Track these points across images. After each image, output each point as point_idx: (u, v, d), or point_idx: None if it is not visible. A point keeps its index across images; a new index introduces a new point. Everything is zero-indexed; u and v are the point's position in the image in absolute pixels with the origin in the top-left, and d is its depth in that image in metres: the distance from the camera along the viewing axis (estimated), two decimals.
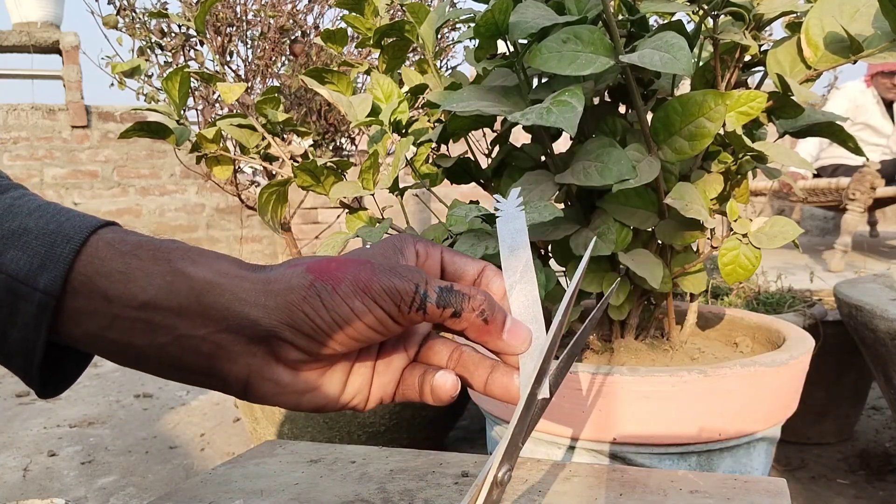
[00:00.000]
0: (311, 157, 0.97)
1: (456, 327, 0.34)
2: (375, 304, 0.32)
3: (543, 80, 0.81)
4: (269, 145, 1.00)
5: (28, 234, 0.31)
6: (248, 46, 1.88)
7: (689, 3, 0.74)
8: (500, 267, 0.37)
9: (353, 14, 0.92)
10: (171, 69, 1.30)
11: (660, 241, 0.84)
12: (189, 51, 1.78)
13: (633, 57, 0.66)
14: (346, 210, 0.94)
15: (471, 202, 0.80)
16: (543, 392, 0.35)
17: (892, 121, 3.48)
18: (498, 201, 0.39)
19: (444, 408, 1.51)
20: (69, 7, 4.44)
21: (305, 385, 0.34)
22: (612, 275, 0.84)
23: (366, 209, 0.94)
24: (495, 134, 0.93)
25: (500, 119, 0.80)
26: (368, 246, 0.37)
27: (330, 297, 0.31)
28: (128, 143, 4.04)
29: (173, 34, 1.76)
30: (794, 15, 0.79)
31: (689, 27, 0.75)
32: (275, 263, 0.34)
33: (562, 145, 0.88)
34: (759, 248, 0.79)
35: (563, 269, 0.86)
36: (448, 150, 0.98)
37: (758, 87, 0.84)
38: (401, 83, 0.97)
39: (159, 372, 0.33)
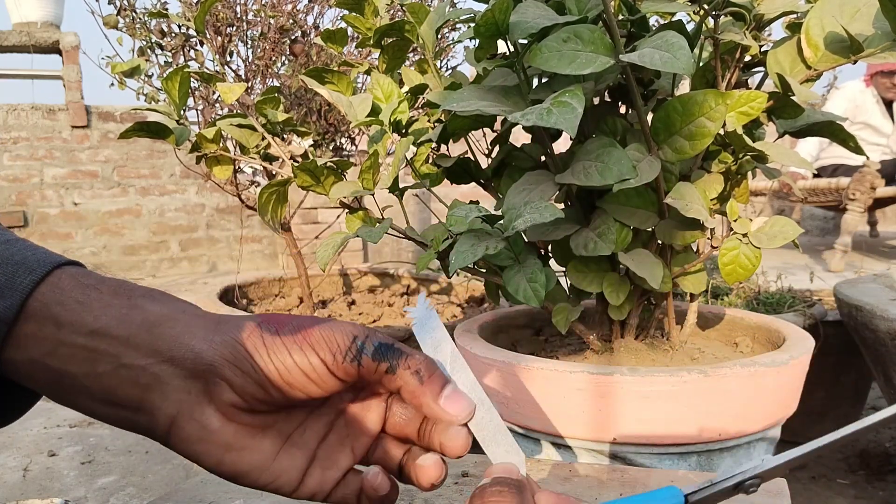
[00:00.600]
0: (310, 157, 0.97)
1: (391, 386, 0.34)
2: (312, 350, 0.32)
3: (544, 80, 0.81)
4: (268, 145, 1.00)
5: None
6: (248, 46, 1.88)
7: (689, 3, 0.74)
8: None
9: (354, 14, 0.92)
10: (171, 69, 1.30)
11: (660, 241, 0.84)
12: (189, 51, 1.78)
13: (634, 56, 0.66)
14: (346, 210, 0.94)
15: (471, 202, 0.80)
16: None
17: (892, 120, 3.48)
18: (406, 312, 0.39)
19: None
20: (69, 7, 4.44)
21: (233, 439, 0.33)
22: (612, 275, 0.84)
23: (366, 209, 0.94)
24: (495, 134, 0.93)
25: (500, 119, 0.79)
26: None
27: (272, 338, 0.32)
28: (128, 143, 4.04)
29: (173, 34, 1.76)
30: (795, 15, 0.79)
31: (690, 27, 0.75)
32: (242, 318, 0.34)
33: (562, 145, 0.88)
34: (759, 248, 0.79)
35: (563, 269, 0.86)
36: (448, 150, 0.98)
37: (758, 87, 0.84)
38: (401, 83, 0.97)
39: (87, 406, 0.33)
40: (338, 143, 2.02)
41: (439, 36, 1.41)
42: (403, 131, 0.92)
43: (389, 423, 0.37)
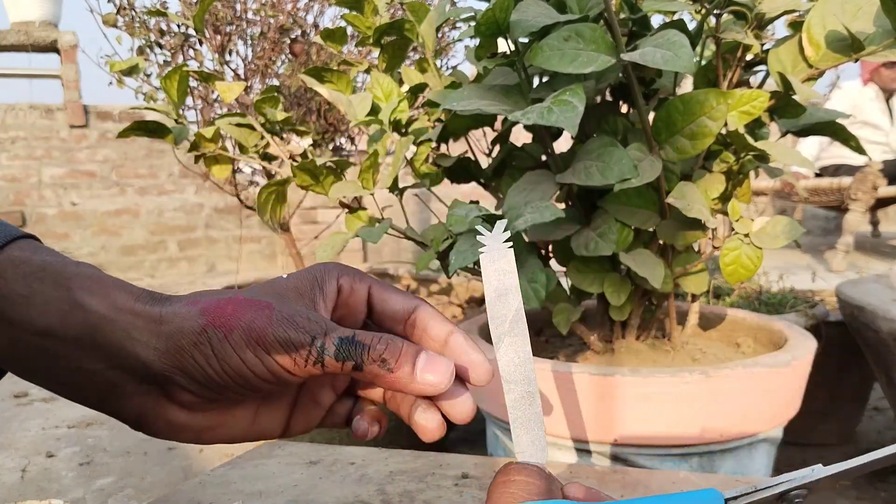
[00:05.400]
0: (310, 156, 0.96)
1: (364, 380, 0.32)
2: (268, 355, 0.30)
3: (544, 79, 0.80)
4: (267, 145, 0.99)
5: None
6: (248, 45, 1.87)
7: (691, 2, 0.73)
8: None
9: (353, 13, 0.91)
10: (170, 68, 1.29)
11: (661, 241, 0.84)
12: (188, 50, 1.78)
13: (635, 55, 0.65)
14: (346, 210, 0.94)
15: (471, 202, 0.80)
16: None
17: (891, 117, 3.48)
18: (481, 233, 0.33)
19: None
20: (67, 6, 4.43)
21: (205, 423, 0.33)
22: (613, 275, 0.83)
23: (365, 209, 0.93)
24: (496, 133, 0.93)
25: (500, 118, 0.79)
26: (286, 276, 0.34)
27: (220, 345, 0.30)
28: (126, 142, 4.04)
29: (172, 33, 1.76)
30: (797, 13, 0.79)
31: (691, 26, 0.75)
32: (177, 295, 0.32)
33: (563, 144, 0.87)
34: (760, 248, 0.78)
35: (564, 269, 0.86)
36: (448, 149, 0.97)
37: (760, 86, 0.84)
38: (401, 82, 0.96)
39: (65, 395, 0.33)
40: (337, 143, 2.01)
41: (439, 34, 1.41)
42: (403, 131, 0.91)
43: None
